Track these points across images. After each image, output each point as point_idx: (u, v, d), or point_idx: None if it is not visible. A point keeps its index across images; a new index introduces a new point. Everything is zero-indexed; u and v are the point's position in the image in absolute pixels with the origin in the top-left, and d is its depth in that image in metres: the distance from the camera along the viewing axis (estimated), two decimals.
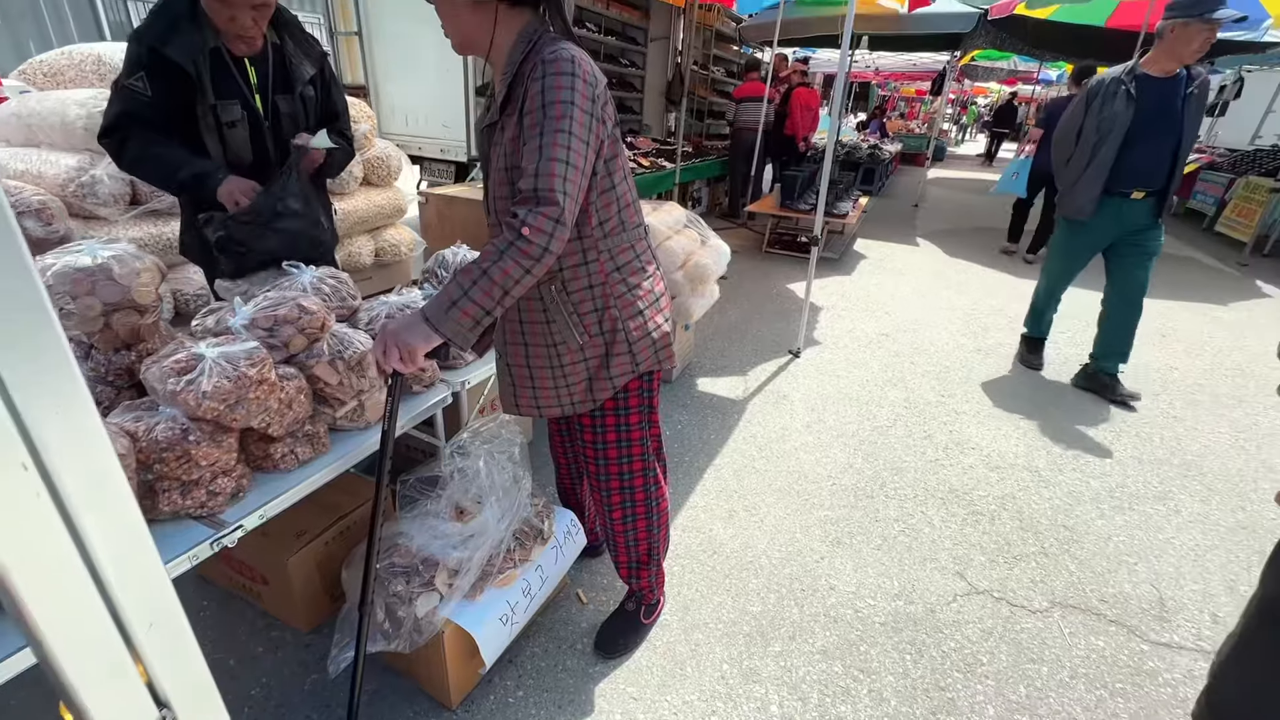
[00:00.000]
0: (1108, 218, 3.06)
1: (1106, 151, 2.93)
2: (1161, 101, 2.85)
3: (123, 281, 1.29)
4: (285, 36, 1.73)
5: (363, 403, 1.53)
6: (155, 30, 1.52)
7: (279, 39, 1.71)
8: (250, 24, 1.56)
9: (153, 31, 1.52)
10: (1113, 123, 2.89)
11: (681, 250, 2.98)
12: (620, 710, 1.56)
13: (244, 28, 1.56)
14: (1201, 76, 2.84)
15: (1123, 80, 2.90)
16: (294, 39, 1.75)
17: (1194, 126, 2.88)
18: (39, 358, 0.38)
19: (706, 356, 3.62)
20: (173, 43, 1.52)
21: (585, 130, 1.14)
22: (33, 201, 1.84)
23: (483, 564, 1.49)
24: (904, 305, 4.71)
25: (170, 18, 1.54)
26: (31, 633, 0.41)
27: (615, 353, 1.37)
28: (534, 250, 1.11)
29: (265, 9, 1.57)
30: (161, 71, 1.53)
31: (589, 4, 6.11)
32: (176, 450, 1.16)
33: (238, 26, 1.55)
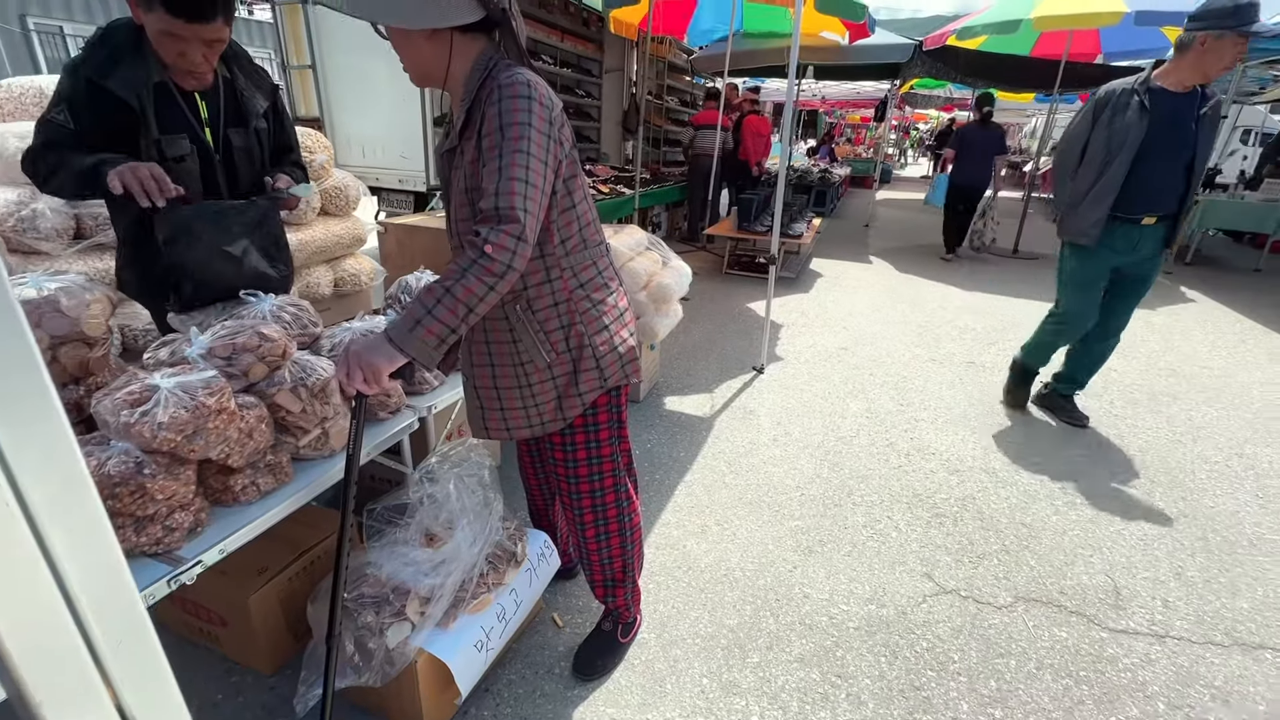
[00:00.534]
0: (1117, 242, 2.77)
1: (1117, 169, 2.63)
2: (1175, 117, 2.58)
3: (71, 314, 1.25)
4: (235, 70, 1.68)
5: (327, 430, 1.50)
6: (94, 62, 1.45)
7: (229, 72, 1.66)
8: (200, 60, 1.51)
9: (91, 63, 1.45)
10: (1125, 136, 2.60)
11: (644, 271, 3.03)
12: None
13: (194, 63, 1.50)
14: (1215, 96, 2.61)
15: (1135, 91, 2.62)
16: (244, 72, 1.71)
17: (1207, 148, 2.64)
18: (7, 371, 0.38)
19: (673, 375, 3.66)
20: (114, 75, 1.45)
21: (543, 150, 1.18)
22: None
23: (455, 589, 1.46)
24: (860, 320, 4.87)
25: (111, 49, 1.48)
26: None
27: (583, 369, 1.39)
28: (497, 267, 1.12)
29: (218, 44, 1.52)
30: (100, 105, 1.46)
31: (544, 37, 6.24)
32: (131, 485, 1.11)
33: (187, 62, 1.49)
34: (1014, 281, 6.27)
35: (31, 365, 0.39)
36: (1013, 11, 5.97)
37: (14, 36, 9.19)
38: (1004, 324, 4.86)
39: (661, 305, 3.09)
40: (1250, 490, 2.66)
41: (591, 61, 7.28)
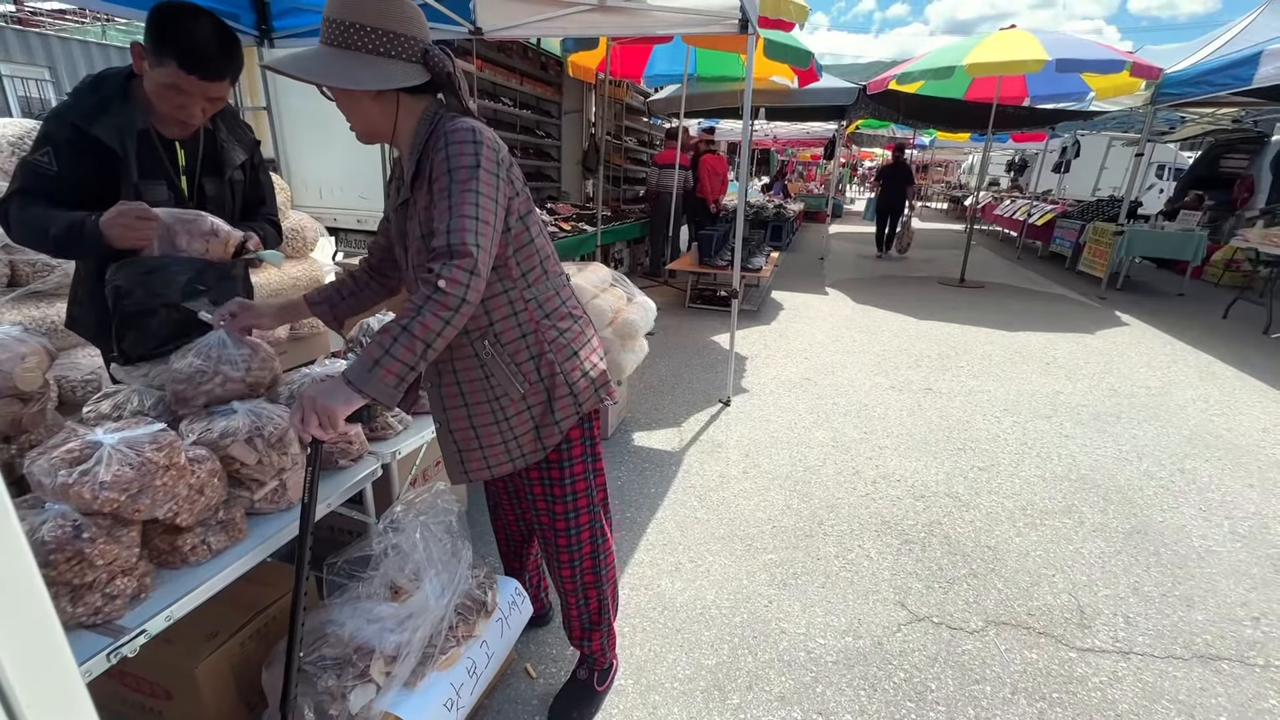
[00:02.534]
0: None
1: None
2: None
3: (4, 367, 1.17)
4: (219, 122, 1.70)
5: (284, 482, 1.43)
6: (81, 109, 1.46)
7: (212, 124, 1.68)
8: (198, 114, 1.53)
9: (78, 110, 1.46)
10: None
11: (609, 308, 3.04)
12: None
13: (191, 116, 1.52)
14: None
15: None
16: (228, 125, 1.73)
17: None
18: None
19: (641, 411, 3.65)
20: (100, 121, 1.46)
21: (492, 189, 1.19)
22: None
23: (424, 645, 1.40)
24: (821, 350, 4.98)
25: (100, 97, 1.49)
26: None
27: (557, 395, 1.38)
28: (451, 301, 1.12)
29: (219, 101, 1.55)
30: (83, 150, 1.46)
31: (504, 80, 6.35)
32: (67, 551, 1.03)
33: (185, 114, 1.51)
34: (962, 309, 6.54)
35: None
36: (947, 59, 6.39)
37: None
38: (955, 349, 5.05)
39: (628, 341, 3.10)
40: (1194, 504, 2.79)
41: (550, 103, 7.44)
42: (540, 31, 3.86)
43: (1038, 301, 7.11)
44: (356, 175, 4.60)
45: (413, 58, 1.20)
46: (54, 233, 1.42)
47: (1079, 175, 14.19)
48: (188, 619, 1.52)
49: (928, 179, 26.94)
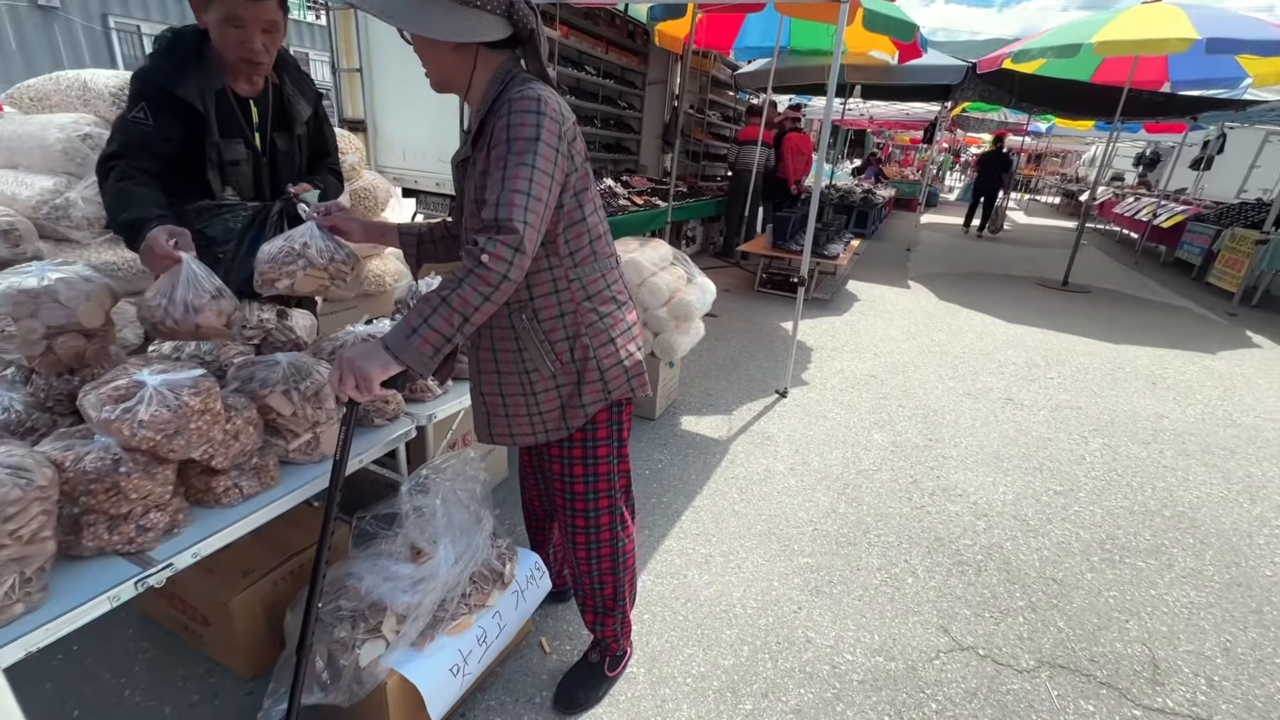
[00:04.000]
0: None
1: None
2: None
3: (68, 304, 1.24)
4: (285, 77, 1.74)
5: (318, 435, 1.47)
6: (165, 71, 1.51)
7: (279, 79, 1.72)
8: (261, 49, 1.55)
9: (162, 72, 1.51)
10: None
11: (666, 287, 2.96)
12: None
13: (255, 51, 1.54)
14: None
15: None
16: (293, 79, 1.77)
17: None
18: None
19: (692, 395, 3.57)
20: (183, 83, 1.51)
21: (549, 164, 1.15)
22: (0, 222, 1.83)
23: (433, 609, 1.41)
24: (893, 347, 4.69)
25: (179, 59, 1.54)
26: None
27: (587, 380, 1.35)
28: (493, 277, 1.09)
29: (275, 32, 1.57)
30: (170, 111, 1.52)
31: (589, 48, 6.27)
32: (105, 482, 1.10)
33: (248, 50, 1.53)
34: (1060, 314, 5.98)
35: None
36: (1074, 35, 5.74)
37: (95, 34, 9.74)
38: (1046, 358, 4.62)
39: (682, 322, 3.02)
40: None
41: (635, 74, 7.30)
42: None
43: (1152, 313, 6.40)
44: (437, 139, 4.69)
45: (498, 9, 1.17)
46: (121, 219, 1.46)
47: (1222, 174, 12.54)
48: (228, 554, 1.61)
49: (1039, 170, 24.68)
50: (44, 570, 1.04)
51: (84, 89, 2.14)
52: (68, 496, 1.09)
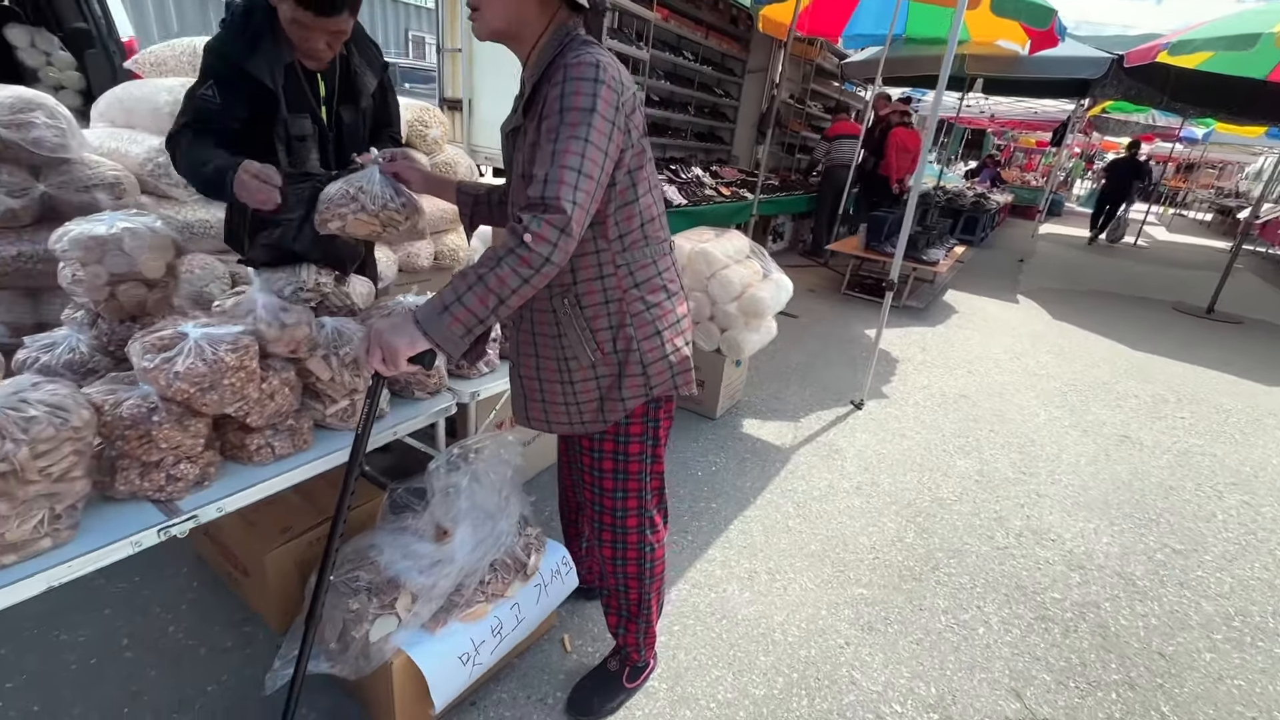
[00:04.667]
0: None
1: None
2: None
3: (132, 254, 1.29)
4: (353, 48, 1.72)
5: (355, 403, 1.46)
6: (236, 46, 1.52)
7: (346, 50, 1.70)
8: (323, 48, 1.56)
9: (233, 47, 1.52)
10: None
11: (739, 281, 2.80)
12: None
13: (316, 50, 1.56)
14: None
15: None
16: (360, 50, 1.74)
17: None
18: None
19: (759, 397, 3.39)
20: (253, 58, 1.52)
21: (604, 139, 1.05)
22: (107, 176, 1.96)
23: (447, 593, 1.37)
24: (991, 366, 4.26)
25: (251, 34, 1.54)
26: None
27: (628, 373, 1.25)
28: (534, 259, 1.01)
29: (340, 35, 1.57)
30: (239, 84, 1.53)
31: (689, 33, 6.12)
32: (139, 429, 1.12)
33: (310, 48, 1.55)
34: (1199, 346, 5.22)
35: None
36: (1251, 24, 4.94)
37: None
38: (1178, 394, 4.04)
39: (752, 319, 2.85)
40: None
41: (735, 60, 7.06)
42: None
43: None
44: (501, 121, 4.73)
45: None
46: (204, 173, 1.49)
47: None
48: (271, 510, 1.65)
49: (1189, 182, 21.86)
50: (75, 509, 1.07)
51: (194, 54, 2.26)
52: (106, 439, 1.12)
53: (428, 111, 2.97)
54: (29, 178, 1.78)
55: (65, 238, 1.26)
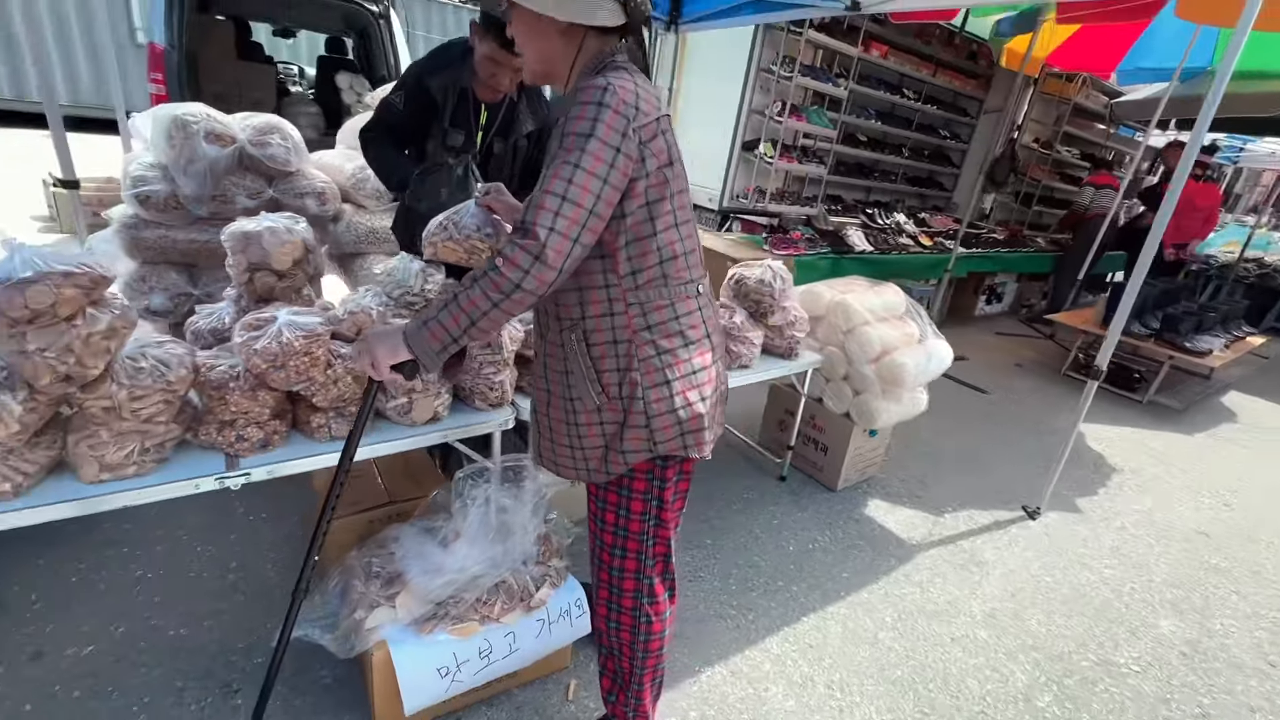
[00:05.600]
0: None
1: None
2: None
3: (267, 248, 1.55)
4: (524, 95, 2.01)
5: (412, 401, 1.57)
6: (427, 65, 1.94)
7: (517, 96, 1.99)
8: (506, 83, 1.87)
9: (425, 66, 1.94)
10: None
11: (878, 341, 2.46)
12: None
13: (500, 84, 1.87)
14: None
15: None
16: (530, 100, 2.02)
17: None
18: None
19: (898, 478, 2.92)
20: (435, 76, 1.90)
21: (602, 165, 0.99)
22: (317, 185, 2.41)
23: (439, 599, 1.39)
24: (1261, 501, 3.12)
25: (444, 58, 1.94)
26: None
27: (631, 423, 1.15)
28: (504, 285, 1.00)
29: (518, 75, 1.84)
30: (418, 96, 1.93)
31: (913, 70, 5.65)
32: (220, 392, 1.33)
33: (496, 81, 1.86)
34: None
35: None
36: None
37: None
38: None
39: (892, 387, 2.47)
40: None
41: (969, 100, 6.34)
42: (935, 3, 3.23)
43: None
44: (711, 154, 4.78)
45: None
46: (394, 179, 1.99)
47: None
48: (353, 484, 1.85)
49: None
50: (163, 446, 1.31)
51: None
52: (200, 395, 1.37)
53: None
54: (264, 184, 2.28)
55: (227, 231, 1.57)
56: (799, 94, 4.48)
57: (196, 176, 2.09)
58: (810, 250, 4.33)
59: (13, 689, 1.47)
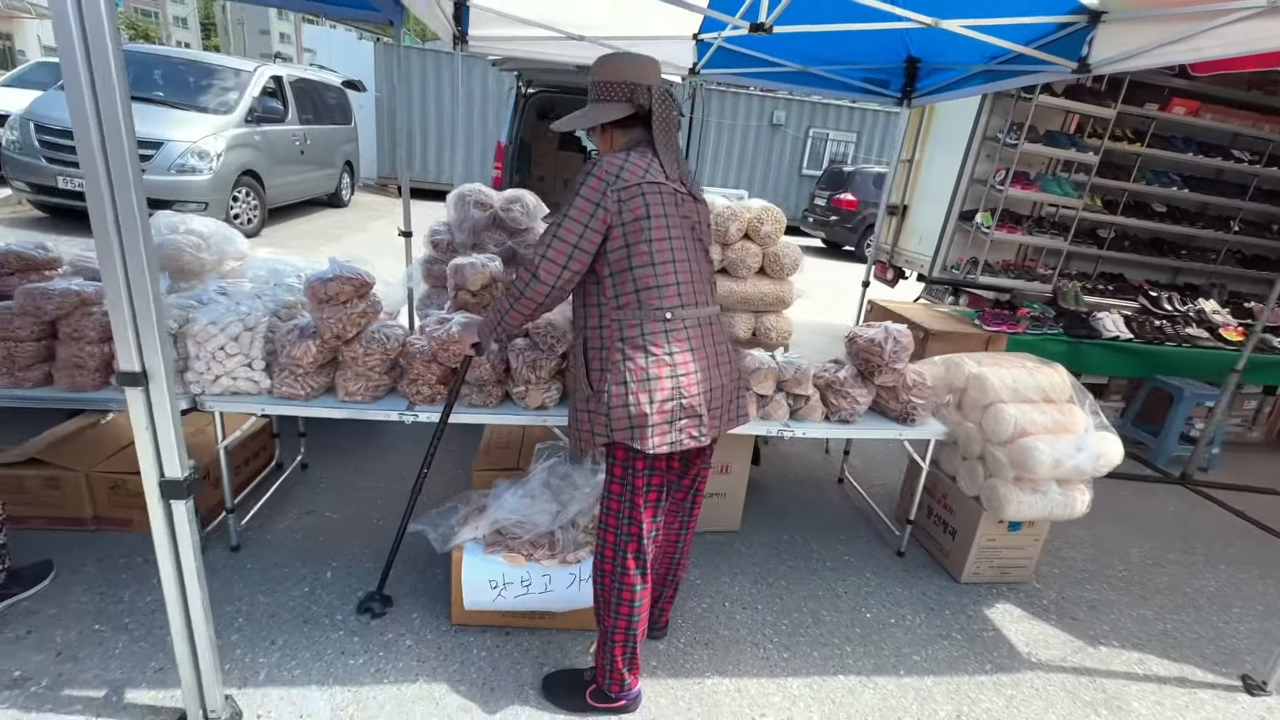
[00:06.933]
0: None
1: None
2: None
3: (466, 275, 2.33)
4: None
5: (528, 390, 2.15)
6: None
7: None
8: None
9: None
10: None
11: (1012, 422, 2.23)
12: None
13: None
14: None
15: None
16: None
17: None
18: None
19: (1061, 591, 2.46)
20: None
21: (584, 215, 1.44)
22: None
23: (498, 529, 1.90)
24: None
25: None
26: None
27: (597, 410, 1.53)
28: (514, 291, 1.53)
29: None
30: None
31: (1246, 128, 4.55)
32: (411, 360, 2.09)
33: None
34: None
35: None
36: None
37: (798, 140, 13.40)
38: None
39: (1023, 476, 2.23)
40: None
41: None
42: (1172, 58, 2.76)
43: None
44: (931, 226, 4.62)
45: (619, 97, 1.52)
46: None
47: None
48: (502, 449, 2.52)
49: None
50: (378, 388, 2.10)
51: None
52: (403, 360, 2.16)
53: (768, 211, 3.48)
54: (506, 237, 3.22)
55: (450, 265, 2.40)
56: (1038, 161, 4.08)
57: (465, 230, 3.10)
58: (1035, 330, 3.84)
59: (285, 537, 2.43)
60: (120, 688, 1.64)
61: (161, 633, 1.76)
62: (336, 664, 1.79)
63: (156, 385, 1.25)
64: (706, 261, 1.63)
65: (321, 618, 1.95)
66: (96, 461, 2.21)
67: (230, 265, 2.67)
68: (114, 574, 2.03)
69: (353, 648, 1.86)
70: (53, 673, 1.66)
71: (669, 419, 1.48)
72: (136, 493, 2.15)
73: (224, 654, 1.74)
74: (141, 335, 1.21)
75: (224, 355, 1.97)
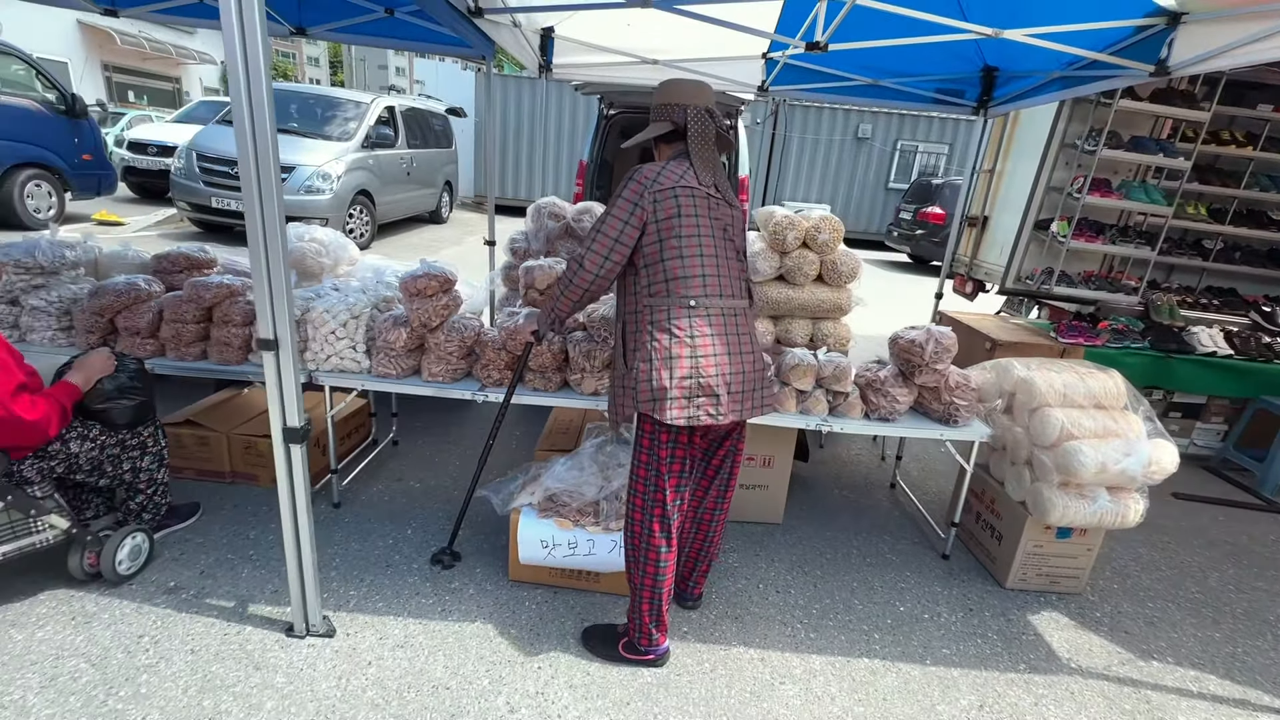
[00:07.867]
0: None
1: None
2: None
3: (534, 275, 2.62)
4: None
5: (583, 378, 2.40)
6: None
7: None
8: None
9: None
10: None
11: (1057, 427, 2.23)
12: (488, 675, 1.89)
13: None
14: None
15: None
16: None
17: None
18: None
19: (1116, 604, 2.38)
20: None
21: (624, 212, 1.68)
22: None
23: (550, 496, 2.15)
24: None
25: None
26: None
27: (627, 384, 1.75)
28: (564, 277, 1.79)
29: None
30: None
31: None
32: (483, 348, 2.40)
33: None
34: None
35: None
36: None
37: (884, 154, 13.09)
38: None
39: (1070, 480, 2.21)
40: None
41: None
42: (1256, 57, 2.61)
43: None
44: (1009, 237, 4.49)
45: (661, 118, 1.78)
46: None
47: None
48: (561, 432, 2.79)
49: None
50: (455, 371, 2.42)
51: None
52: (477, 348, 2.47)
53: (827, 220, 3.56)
54: (576, 245, 3.52)
55: (520, 267, 2.71)
56: (1123, 168, 3.90)
57: (540, 239, 3.43)
58: (1116, 343, 3.67)
59: (377, 498, 2.81)
60: (245, 601, 2.02)
61: (278, 564, 2.14)
62: (411, 602, 2.10)
63: (285, 351, 1.59)
64: (737, 260, 1.81)
65: (401, 565, 2.28)
66: (236, 425, 2.68)
67: (344, 270, 3.14)
68: (244, 517, 2.46)
69: (425, 590, 2.16)
70: (198, 586, 2.07)
71: (687, 394, 1.66)
72: (264, 453, 2.60)
73: (323, 585, 2.08)
74: (276, 312, 1.55)
75: (334, 339, 2.36)
